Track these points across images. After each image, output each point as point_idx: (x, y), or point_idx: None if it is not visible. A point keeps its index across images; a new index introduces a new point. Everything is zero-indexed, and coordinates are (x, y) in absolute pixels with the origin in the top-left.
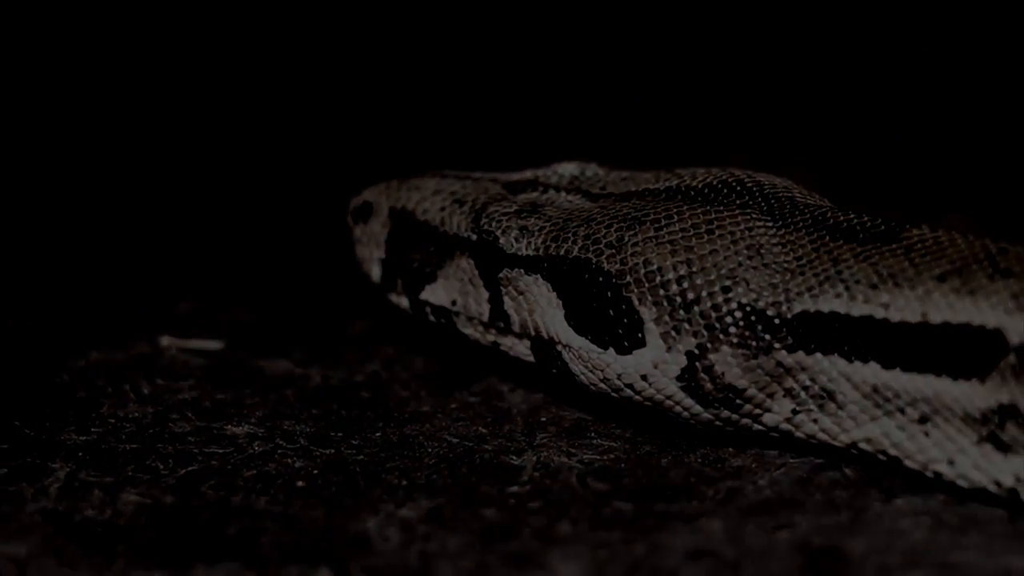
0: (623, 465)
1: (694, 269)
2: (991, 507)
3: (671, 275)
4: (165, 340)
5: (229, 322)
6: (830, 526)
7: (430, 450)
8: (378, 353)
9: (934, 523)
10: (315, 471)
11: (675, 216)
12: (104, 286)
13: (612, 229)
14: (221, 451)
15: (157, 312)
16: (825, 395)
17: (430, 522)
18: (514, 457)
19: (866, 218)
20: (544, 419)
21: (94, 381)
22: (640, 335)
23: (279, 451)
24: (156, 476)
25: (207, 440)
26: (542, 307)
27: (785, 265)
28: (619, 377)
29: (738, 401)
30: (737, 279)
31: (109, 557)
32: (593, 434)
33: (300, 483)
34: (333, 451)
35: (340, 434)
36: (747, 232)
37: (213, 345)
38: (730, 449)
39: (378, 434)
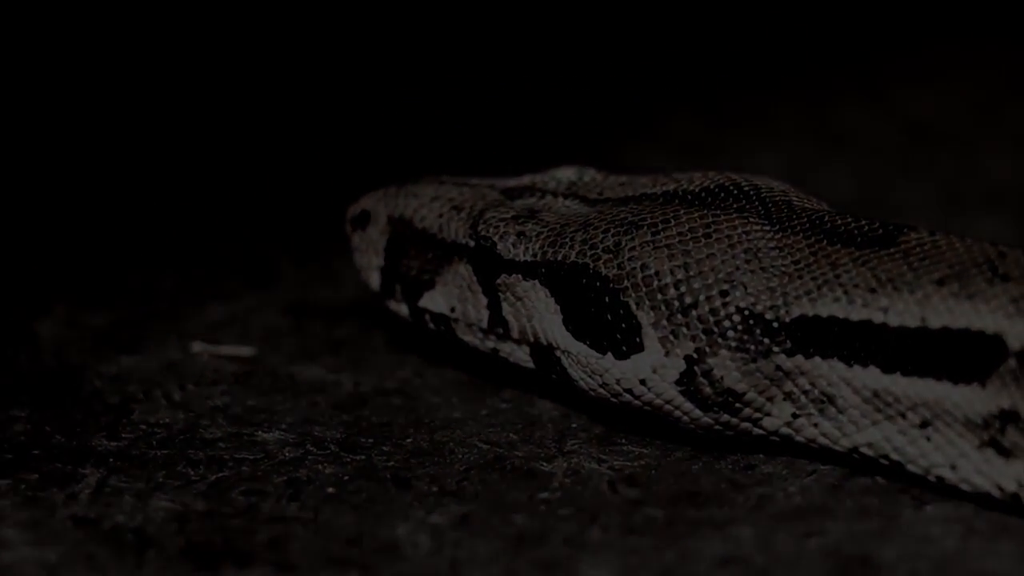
0: (654, 472)
1: (691, 273)
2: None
3: (668, 279)
4: (196, 346)
5: (260, 328)
6: (861, 533)
7: (460, 456)
8: (409, 359)
9: (965, 531)
10: (345, 477)
11: (672, 220)
12: (135, 292)
13: (609, 234)
14: (252, 457)
15: (188, 318)
16: (825, 399)
17: (460, 528)
18: (544, 464)
19: (863, 222)
20: (575, 425)
21: (125, 387)
22: (638, 340)
23: (310, 457)
24: (187, 482)
25: (238, 446)
26: (540, 312)
27: (783, 269)
28: (618, 382)
29: (737, 405)
30: (735, 283)
31: (139, 563)
32: (624, 440)
33: (330, 489)
34: (364, 457)
35: (371, 440)
36: (744, 236)
37: (244, 351)
38: (761, 456)
39: (409, 440)
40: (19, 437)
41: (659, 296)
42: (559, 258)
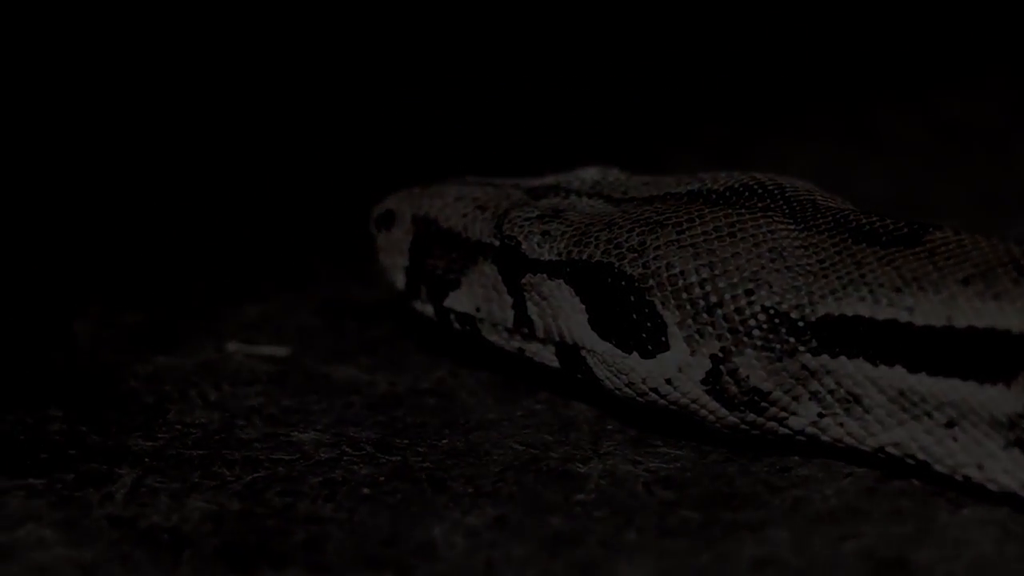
0: (689, 474)
1: (717, 272)
2: None
3: (694, 278)
4: (232, 346)
5: (295, 328)
6: (896, 536)
7: (496, 457)
8: (443, 360)
9: (1002, 534)
10: (381, 478)
11: (697, 219)
12: (170, 292)
13: (634, 233)
14: (287, 458)
15: (223, 318)
16: (851, 399)
17: (496, 530)
18: (580, 465)
19: (888, 221)
20: (610, 427)
21: (161, 387)
22: (664, 339)
23: (345, 458)
24: (222, 482)
25: (273, 447)
26: (566, 312)
27: (808, 268)
28: (644, 381)
29: (763, 404)
30: (760, 282)
31: (175, 563)
32: (659, 442)
33: (366, 490)
34: (399, 458)
35: (406, 441)
36: (769, 235)
37: (279, 351)
38: (796, 458)
39: (444, 441)
40: (55, 437)
41: (684, 295)
42: (584, 257)
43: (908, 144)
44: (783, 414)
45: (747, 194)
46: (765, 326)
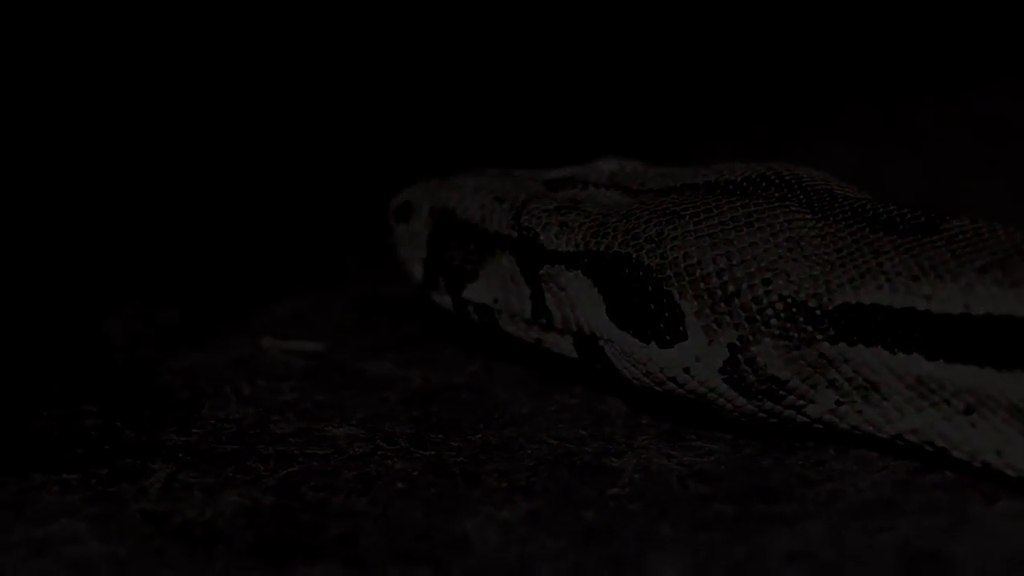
0: (724, 467)
1: (734, 262)
2: None
3: (711, 268)
4: (266, 341)
5: (329, 324)
6: (931, 529)
7: (530, 452)
8: (477, 355)
9: None
10: (415, 473)
11: (714, 210)
12: (204, 289)
13: (652, 223)
14: (322, 452)
15: (257, 314)
16: (869, 386)
17: (530, 524)
18: (614, 459)
19: (906, 210)
20: (644, 421)
21: (195, 382)
22: (681, 328)
23: (379, 453)
24: (256, 477)
25: (308, 441)
26: (583, 303)
27: (825, 257)
28: (662, 371)
29: (781, 392)
30: (777, 271)
31: (209, 557)
32: (693, 436)
33: (400, 484)
34: (433, 453)
35: (440, 436)
36: (786, 224)
37: (314, 346)
38: (831, 451)
39: (478, 436)
40: (90, 432)
41: (702, 285)
42: (602, 248)
43: (945, 141)
44: (801, 402)
45: (764, 184)
46: (783, 315)
